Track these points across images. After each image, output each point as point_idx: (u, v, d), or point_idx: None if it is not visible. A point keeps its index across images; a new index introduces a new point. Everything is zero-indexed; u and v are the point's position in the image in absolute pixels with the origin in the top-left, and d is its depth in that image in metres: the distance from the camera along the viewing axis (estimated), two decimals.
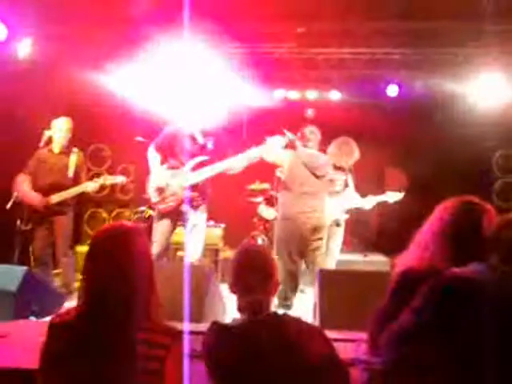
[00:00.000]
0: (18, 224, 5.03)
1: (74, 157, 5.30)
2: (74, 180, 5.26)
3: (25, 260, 5.03)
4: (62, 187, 5.17)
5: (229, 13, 5.50)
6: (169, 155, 4.76)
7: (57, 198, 5.14)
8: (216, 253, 6.80)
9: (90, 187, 5.24)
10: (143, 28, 5.97)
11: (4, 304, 3.64)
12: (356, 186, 5.79)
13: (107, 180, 5.41)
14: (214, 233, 6.68)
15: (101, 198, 7.72)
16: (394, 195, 5.77)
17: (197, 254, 4.64)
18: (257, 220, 7.11)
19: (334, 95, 7.92)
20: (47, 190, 5.15)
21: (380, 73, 7.18)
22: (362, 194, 5.73)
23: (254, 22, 5.97)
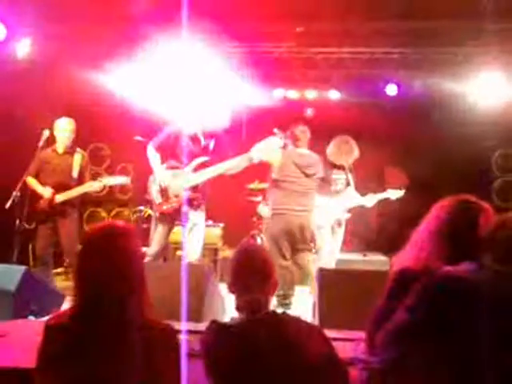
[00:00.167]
0: (17, 223, 5.01)
1: (79, 157, 5.29)
2: (79, 180, 5.24)
3: (24, 259, 5.02)
4: (65, 187, 5.16)
5: (228, 12, 5.50)
6: (169, 155, 4.74)
7: (62, 197, 5.13)
8: (215, 252, 6.79)
9: (94, 187, 5.24)
10: (142, 27, 5.97)
11: (3, 303, 3.63)
12: (356, 185, 5.79)
13: (111, 181, 5.43)
14: (213, 232, 6.66)
15: (100, 198, 7.71)
16: (395, 192, 5.78)
17: (196, 254, 4.62)
18: (256, 219, 7.10)
19: (333, 94, 7.92)
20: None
21: (379, 72, 7.19)
22: (362, 193, 5.72)
23: (253, 22, 5.98)
